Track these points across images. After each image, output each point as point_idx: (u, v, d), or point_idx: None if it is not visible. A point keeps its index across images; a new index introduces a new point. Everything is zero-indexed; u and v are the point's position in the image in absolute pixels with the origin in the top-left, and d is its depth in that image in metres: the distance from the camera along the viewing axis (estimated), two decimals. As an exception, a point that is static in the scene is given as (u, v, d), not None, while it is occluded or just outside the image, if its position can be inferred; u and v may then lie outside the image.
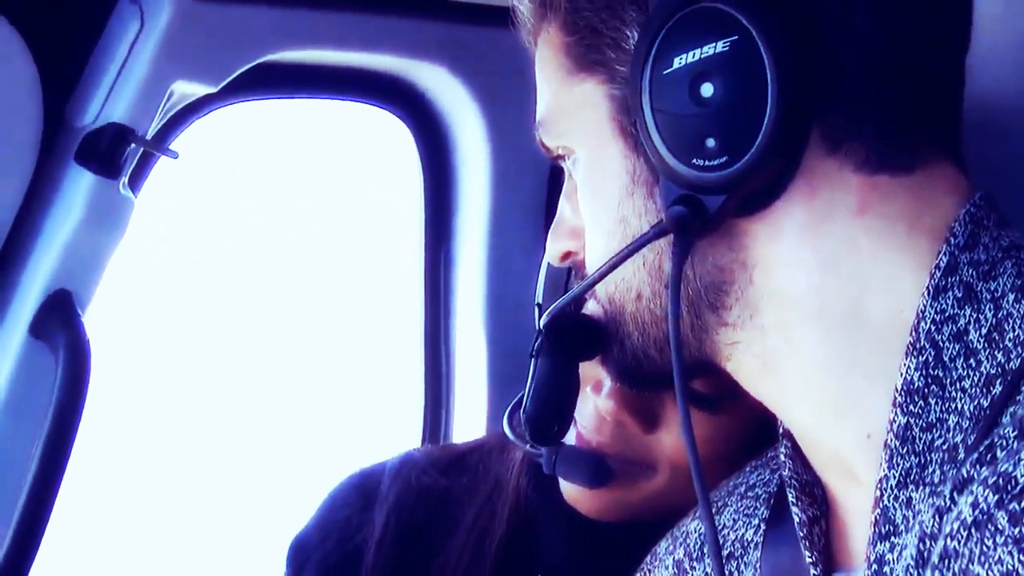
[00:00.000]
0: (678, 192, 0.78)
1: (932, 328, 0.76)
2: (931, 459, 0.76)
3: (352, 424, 2.16)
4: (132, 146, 1.23)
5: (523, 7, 0.90)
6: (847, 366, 0.79)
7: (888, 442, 0.77)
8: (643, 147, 0.80)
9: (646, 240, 0.81)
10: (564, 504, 1.15)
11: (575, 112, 0.86)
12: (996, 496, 0.68)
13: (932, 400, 0.76)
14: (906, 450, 0.76)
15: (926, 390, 0.76)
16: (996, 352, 0.76)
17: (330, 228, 2.09)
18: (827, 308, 0.79)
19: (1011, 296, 0.77)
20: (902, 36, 0.79)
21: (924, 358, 0.76)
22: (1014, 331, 0.76)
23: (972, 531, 0.68)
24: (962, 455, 0.74)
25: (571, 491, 1.14)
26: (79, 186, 1.22)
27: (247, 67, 1.31)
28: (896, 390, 0.77)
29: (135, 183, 1.28)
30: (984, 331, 0.76)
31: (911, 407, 0.76)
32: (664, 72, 0.77)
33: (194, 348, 2.35)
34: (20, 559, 1.21)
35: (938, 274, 0.77)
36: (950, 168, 0.81)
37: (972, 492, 0.70)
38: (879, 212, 0.79)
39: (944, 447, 0.75)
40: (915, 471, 0.76)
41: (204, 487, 2.47)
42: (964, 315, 0.76)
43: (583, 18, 0.84)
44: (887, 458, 0.77)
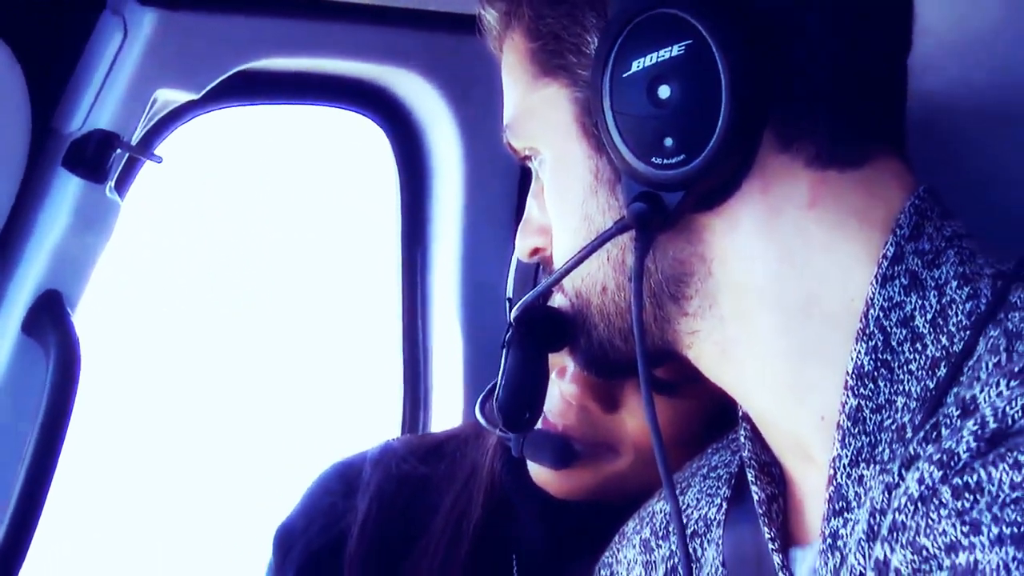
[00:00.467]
0: (639, 189, 0.79)
1: (880, 315, 0.77)
2: (881, 438, 0.76)
3: (335, 416, 2.16)
4: (118, 151, 1.22)
5: (489, 15, 0.90)
6: (801, 353, 0.80)
7: (841, 423, 0.78)
8: (605, 147, 0.80)
9: (609, 235, 0.81)
10: (536, 487, 1.15)
11: (540, 115, 0.86)
12: (940, 472, 0.69)
13: (881, 383, 0.77)
14: (857, 430, 0.77)
15: (875, 373, 0.77)
16: (940, 336, 0.76)
17: (310, 229, 2.09)
18: (782, 298, 0.80)
19: (954, 283, 0.77)
20: (850, 41, 0.79)
21: (873, 343, 0.77)
22: (957, 316, 0.77)
23: (919, 505, 0.69)
24: (909, 434, 0.75)
25: (539, 473, 1.14)
26: (67, 191, 1.21)
27: (227, 74, 1.30)
28: (848, 374, 0.77)
29: (121, 187, 1.28)
30: (929, 316, 0.77)
31: (862, 390, 0.77)
32: (623, 75, 0.78)
33: (180, 345, 2.34)
34: (14, 551, 1.21)
35: (885, 263, 0.78)
36: (896, 163, 0.82)
37: (918, 468, 0.71)
38: (829, 205, 0.79)
39: (893, 427, 0.76)
40: (866, 450, 0.77)
41: (190, 480, 2.46)
42: (910, 302, 0.77)
43: (546, 25, 0.84)
44: (840, 438, 0.77)
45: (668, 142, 0.77)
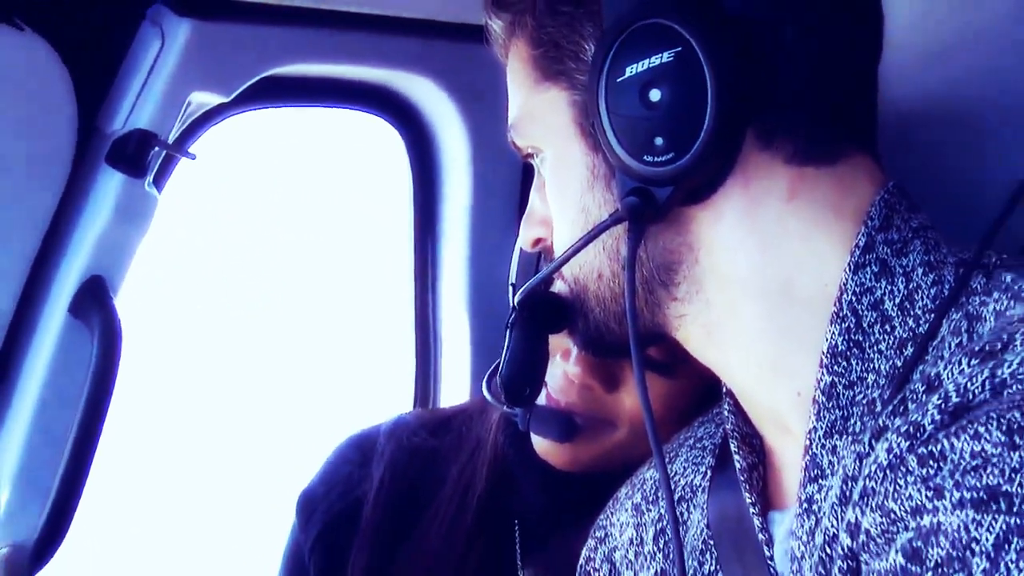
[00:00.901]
0: (632, 185, 0.79)
1: (853, 299, 0.77)
2: (853, 412, 0.77)
3: (353, 391, 2.16)
4: (156, 149, 1.22)
5: (495, 24, 0.90)
6: (781, 334, 0.80)
7: (816, 398, 0.78)
8: (601, 146, 0.80)
9: (605, 227, 0.81)
10: (537, 458, 1.15)
11: (542, 116, 0.86)
12: (907, 442, 0.69)
13: (853, 361, 0.77)
14: (831, 405, 0.77)
15: (848, 352, 0.77)
16: (908, 319, 0.77)
17: (330, 222, 2.09)
18: (763, 284, 0.80)
19: (920, 270, 0.78)
20: (826, 48, 0.79)
21: (846, 325, 0.77)
22: (922, 300, 0.77)
23: (887, 472, 0.69)
24: (879, 408, 0.75)
25: (543, 445, 1.14)
26: (110, 185, 1.21)
27: (256, 79, 1.30)
28: (823, 353, 0.77)
29: (159, 182, 1.28)
30: (897, 300, 0.77)
31: (835, 368, 0.77)
32: (618, 80, 0.78)
33: (208, 327, 2.34)
34: (63, 511, 1.21)
35: (857, 252, 0.78)
36: (868, 161, 0.82)
37: (887, 439, 0.71)
38: (806, 199, 0.79)
39: (864, 401, 0.76)
40: (839, 422, 0.77)
41: (223, 450, 2.47)
42: (880, 287, 0.77)
43: (547, 33, 0.84)
44: (815, 412, 0.78)
45: (659, 141, 0.77)
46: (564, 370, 1.11)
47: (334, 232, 2.06)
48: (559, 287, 0.90)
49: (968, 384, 0.69)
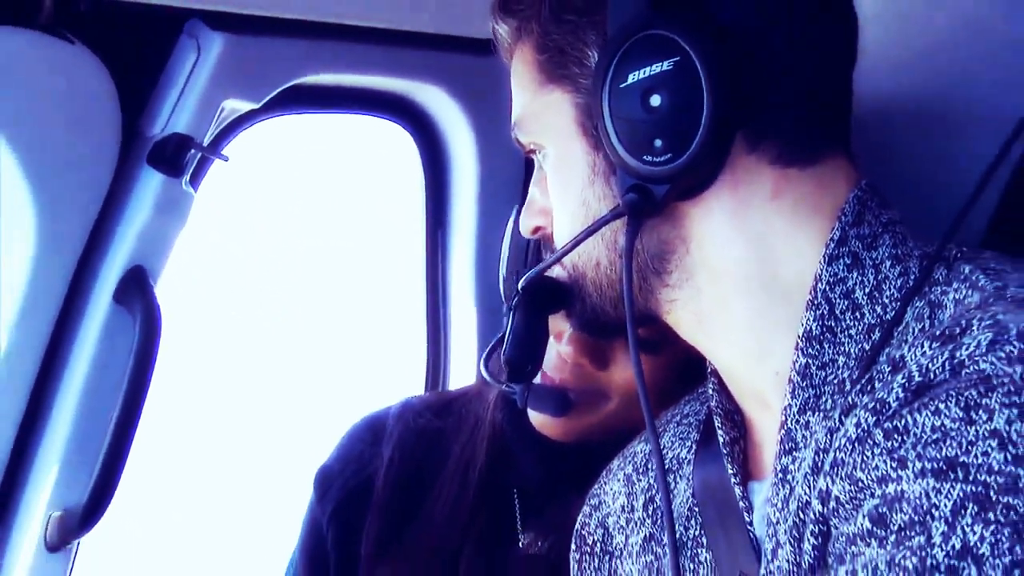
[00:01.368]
0: (631, 182, 0.79)
1: (827, 288, 0.78)
2: (825, 391, 0.77)
3: (369, 375, 2.16)
4: (192, 151, 1.22)
5: (502, 29, 0.89)
6: (764, 320, 0.80)
7: (792, 378, 0.78)
8: (602, 145, 0.80)
9: (606, 220, 0.82)
10: (534, 432, 1.15)
11: (545, 116, 0.86)
12: (874, 417, 0.70)
13: (826, 344, 0.77)
14: (805, 384, 0.77)
15: (822, 337, 0.77)
16: (876, 307, 0.77)
17: (348, 219, 2.09)
18: (749, 275, 0.80)
19: (888, 263, 0.78)
20: (810, 56, 0.80)
21: (820, 312, 0.78)
22: (890, 290, 0.77)
23: (855, 445, 0.70)
24: (848, 387, 0.76)
25: (539, 420, 1.14)
26: (150, 184, 1.21)
27: (283, 88, 1.31)
28: (799, 337, 0.78)
29: (195, 181, 1.28)
30: (867, 290, 0.77)
31: (810, 350, 0.78)
32: (621, 85, 0.78)
33: (235, 316, 2.34)
34: (107, 482, 1.22)
35: (832, 245, 0.78)
36: (844, 161, 0.82)
37: (856, 415, 0.71)
38: (789, 197, 0.79)
39: (835, 381, 0.77)
40: (812, 400, 0.77)
41: (247, 431, 2.47)
42: (852, 278, 0.78)
43: (552, 40, 0.84)
44: (791, 391, 0.78)
45: (657, 143, 0.77)
46: (558, 350, 1.11)
47: (352, 229, 2.06)
48: (557, 272, 0.90)
49: (929, 365, 0.69)
